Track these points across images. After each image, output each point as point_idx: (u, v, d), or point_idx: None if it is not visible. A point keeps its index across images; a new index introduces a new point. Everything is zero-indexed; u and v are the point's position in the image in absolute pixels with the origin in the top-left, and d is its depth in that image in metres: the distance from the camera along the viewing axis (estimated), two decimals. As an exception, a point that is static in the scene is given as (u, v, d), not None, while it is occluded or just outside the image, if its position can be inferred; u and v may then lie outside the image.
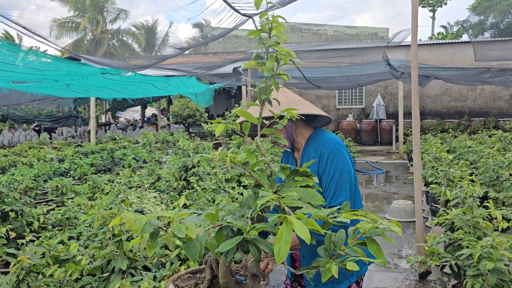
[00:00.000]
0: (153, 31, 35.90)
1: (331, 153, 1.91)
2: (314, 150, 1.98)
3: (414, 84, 4.18)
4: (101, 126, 22.15)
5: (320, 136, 2.02)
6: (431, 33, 35.54)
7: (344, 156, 1.93)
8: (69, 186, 6.13)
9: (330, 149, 1.92)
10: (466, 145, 8.47)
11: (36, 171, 7.54)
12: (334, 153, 1.91)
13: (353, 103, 19.28)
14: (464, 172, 5.22)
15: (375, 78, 11.23)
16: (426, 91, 17.90)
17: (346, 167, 1.91)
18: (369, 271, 4.46)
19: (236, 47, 24.92)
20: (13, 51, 5.23)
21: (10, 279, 2.58)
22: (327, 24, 26.48)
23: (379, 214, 6.81)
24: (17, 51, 5.35)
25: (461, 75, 10.41)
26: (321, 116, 2.04)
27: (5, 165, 9.46)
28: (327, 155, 1.91)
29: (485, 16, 23.61)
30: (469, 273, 2.69)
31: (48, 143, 16.04)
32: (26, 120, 20.48)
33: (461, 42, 18.05)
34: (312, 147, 1.99)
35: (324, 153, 1.92)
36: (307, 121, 2.07)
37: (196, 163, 5.66)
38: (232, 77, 12.50)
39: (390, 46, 9.34)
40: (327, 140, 1.97)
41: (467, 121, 17.00)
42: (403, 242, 5.40)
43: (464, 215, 3.19)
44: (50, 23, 32.84)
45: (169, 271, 2.92)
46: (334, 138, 2.00)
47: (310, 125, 2.09)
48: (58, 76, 6.62)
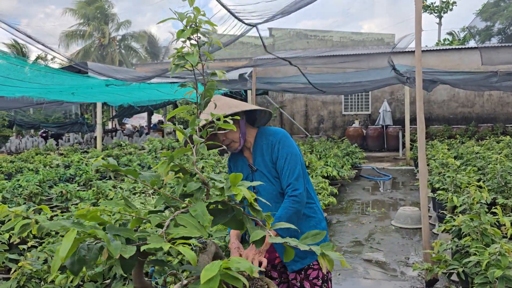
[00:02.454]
0: (156, 40, 36.18)
1: (281, 140, 2.16)
2: (265, 143, 2.20)
3: (419, 89, 4.14)
4: (107, 133, 22.24)
5: (266, 130, 2.25)
6: (438, 39, 35.44)
7: (292, 142, 2.19)
8: (74, 192, 6.13)
9: (279, 137, 2.17)
10: (473, 151, 8.37)
11: (41, 177, 7.55)
12: (283, 140, 2.16)
13: (359, 109, 19.21)
14: (471, 178, 5.15)
15: (381, 83, 11.18)
16: (432, 96, 17.79)
17: (295, 150, 2.16)
18: (376, 280, 4.39)
19: (241, 54, 24.99)
20: (19, 65, 5.26)
21: (11, 285, 2.57)
22: (332, 31, 26.52)
23: (385, 220, 6.73)
24: (23, 65, 5.40)
25: (467, 79, 10.34)
26: (262, 115, 2.30)
27: (11, 171, 9.49)
28: (277, 142, 2.16)
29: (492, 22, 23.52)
30: (476, 281, 2.63)
31: (54, 149, 16.11)
32: (32, 126, 20.63)
33: (467, 48, 17.95)
34: (263, 141, 2.21)
35: (274, 142, 2.16)
36: (251, 122, 2.32)
37: (200, 169, 5.64)
38: (237, 83, 12.51)
39: (396, 52, 9.30)
40: (274, 131, 2.22)
41: (474, 127, 16.85)
42: (409, 249, 5.32)
43: (471, 221, 3.13)
44: (60, 34, 33.21)
45: (170, 278, 2.89)
46: (279, 129, 2.24)
47: (254, 125, 2.32)
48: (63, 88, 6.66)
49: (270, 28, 25.56)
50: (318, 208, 2.28)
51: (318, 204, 2.31)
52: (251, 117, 2.31)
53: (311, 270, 2.20)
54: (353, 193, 9.07)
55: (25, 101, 11.02)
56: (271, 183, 2.17)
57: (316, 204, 2.28)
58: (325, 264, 1.35)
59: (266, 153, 2.18)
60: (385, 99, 17.96)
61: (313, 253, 2.04)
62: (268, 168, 2.18)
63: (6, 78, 5.21)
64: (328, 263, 1.35)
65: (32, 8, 64.67)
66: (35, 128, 22.10)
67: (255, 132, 2.27)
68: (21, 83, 5.71)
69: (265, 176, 2.19)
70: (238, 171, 2.29)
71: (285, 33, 26.04)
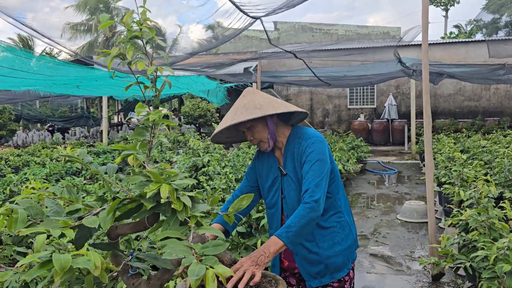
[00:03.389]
0: (162, 33, 36.07)
1: (313, 145, 1.96)
2: (297, 146, 2.01)
3: (425, 81, 4.10)
4: (113, 127, 22.31)
5: (300, 132, 2.05)
6: (444, 33, 35.12)
7: (324, 149, 1.98)
8: (80, 185, 6.16)
9: (312, 141, 1.97)
10: (480, 145, 8.31)
11: (48, 170, 7.60)
12: (315, 145, 1.96)
13: (365, 103, 19.12)
14: (478, 172, 5.12)
15: (387, 76, 11.11)
16: (439, 90, 17.67)
17: (324, 158, 1.95)
18: (381, 274, 4.39)
19: (246, 48, 24.91)
20: (25, 57, 5.27)
21: (19, 277, 2.58)
22: (338, 24, 26.33)
23: (390, 214, 6.72)
24: (29, 57, 5.40)
25: (474, 72, 10.25)
26: (297, 113, 2.09)
27: (18, 164, 9.55)
28: (309, 146, 1.96)
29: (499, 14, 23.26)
30: (484, 276, 2.61)
31: (61, 143, 16.19)
32: (39, 120, 20.73)
33: (474, 41, 17.78)
34: (295, 144, 2.02)
35: (305, 146, 1.97)
36: (285, 120, 2.11)
37: (206, 162, 5.64)
38: (242, 77, 12.48)
39: (401, 45, 9.22)
40: (309, 135, 2.01)
41: (481, 121, 16.72)
42: (415, 243, 5.31)
43: (479, 215, 3.11)
44: (63, 26, 33.21)
45: (178, 272, 2.90)
46: (315, 132, 2.04)
47: (287, 124, 2.12)
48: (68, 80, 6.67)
49: (275, 22, 25.43)
50: (347, 222, 2.07)
51: (349, 217, 2.09)
52: (285, 115, 2.08)
53: (330, 287, 2.03)
54: (358, 187, 9.05)
55: (31, 95, 11.07)
56: (298, 192, 2.00)
57: (344, 218, 2.06)
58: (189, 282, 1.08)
59: (297, 158, 2.00)
60: (390, 93, 17.86)
61: (332, 272, 2.01)
62: (296, 174, 2.00)
63: (11, 69, 5.21)
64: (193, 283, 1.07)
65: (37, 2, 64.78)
66: (41, 122, 22.21)
67: (288, 131, 2.08)
68: (26, 74, 5.71)
69: (293, 183, 2.01)
70: (264, 172, 2.14)
71: (290, 27, 25.90)
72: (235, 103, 2.02)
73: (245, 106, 1.94)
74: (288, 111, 1.94)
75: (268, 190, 2.12)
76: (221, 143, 2.25)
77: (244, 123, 1.94)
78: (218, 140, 2.17)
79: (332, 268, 1.99)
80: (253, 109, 1.91)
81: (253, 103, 1.95)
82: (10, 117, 17.85)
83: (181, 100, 25.53)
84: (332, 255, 1.99)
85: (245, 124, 1.96)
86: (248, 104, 1.95)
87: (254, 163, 2.21)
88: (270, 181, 2.11)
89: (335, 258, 2.00)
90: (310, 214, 1.81)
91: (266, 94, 2.04)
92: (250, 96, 2.00)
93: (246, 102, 1.97)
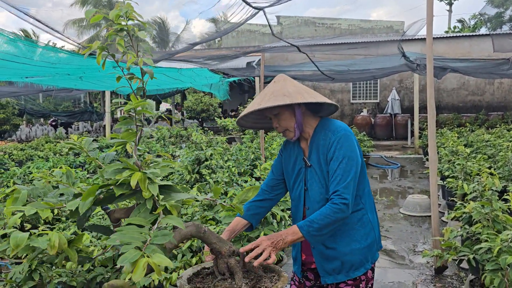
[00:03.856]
0: (166, 28, 35.98)
1: (340, 140, 1.89)
2: (323, 138, 1.94)
3: (430, 75, 4.08)
4: (116, 121, 22.34)
5: (328, 124, 1.98)
6: (448, 27, 34.91)
7: (353, 143, 1.91)
8: (84, 179, 6.18)
9: (340, 136, 1.90)
10: (483, 139, 8.29)
11: (52, 164, 7.63)
12: (343, 140, 1.89)
13: (368, 98, 19.06)
14: (482, 166, 5.10)
15: (391, 70, 11.07)
16: (442, 85, 17.59)
17: (353, 154, 1.88)
18: (383, 268, 4.39)
19: (249, 42, 24.83)
20: (28, 45, 5.28)
21: (23, 268, 2.60)
22: (341, 18, 26.22)
23: (393, 208, 6.72)
24: (32, 46, 5.40)
25: (478, 67, 10.19)
26: (326, 105, 2.01)
27: (22, 158, 9.60)
28: (336, 141, 1.89)
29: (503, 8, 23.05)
30: (487, 268, 2.61)
31: (64, 138, 16.24)
32: (43, 114, 20.79)
33: (478, 35, 17.66)
34: (321, 136, 1.96)
35: (333, 140, 1.90)
36: (314, 111, 2.03)
37: (209, 156, 5.65)
38: (245, 71, 12.46)
39: (405, 40, 9.16)
40: (336, 127, 1.94)
41: (484, 115, 16.64)
42: (418, 237, 5.31)
43: (482, 208, 3.11)
44: (66, 22, 33.17)
45: (180, 263, 2.91)
46: (343, 125, 1.97)
47: (316, 115, 2.05)
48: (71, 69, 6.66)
49: (278, 16, 25.31)
50: (369, 220, 1.99)
51: (372, 215, 2.01)
52: (314, 106, 2.01)
53: (344, 284, 1.98)
54: (361, 181, 9.05)
55: (35, 88, 11.10)
56: (321, 185, 1.94)
57: (367, 215, 1.99)
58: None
59: (322, 151, 1.93)
60: (393, 87, 17.80)
61: (348, 270, 1.97)
62: (321, 167, 1.94)
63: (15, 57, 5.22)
64: (136, 270, 1.12)
65: (39, -3, 64.84)
66: (44, 117, 22.27)
67: (316, 123, 2.02)
68: (29, 66, 5.72)
69: (316, 175, 1.96)
70: (291, 162, 2.09)
71: (293, 21, 25.79)
72: (265, 89, 1.98)
73: (273, 92, 1.91)
74: (317, 101, 1.88)
75: (293, 182, 2.08)
76: (247, 127, 2.22)
77: (271, 109, 1.92)
78: (244, 124, 2.14)
79: (348, 266, 1.94)
80: (281, 96, 1.87)
81: (282, 90, 1.91)
82: (14, 111, 17.91)
83: (184, 95, 25.53)
84: (348, 253, 1.94)
85: (272, 110, 1.93)
86: (277, 91, 1.91)
87: (281, 155, 2.17)
88: (295, 173, 2.07)
89: (352, 256, 1.94)
90: (336, 215, 1.78)
91: (298, 83, 2.00)
92: (281, 83, 1.96)
93: (276, 88, 1.93)
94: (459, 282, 3.90)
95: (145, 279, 2.71)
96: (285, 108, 1.93)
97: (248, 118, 2.09)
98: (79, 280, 2.81)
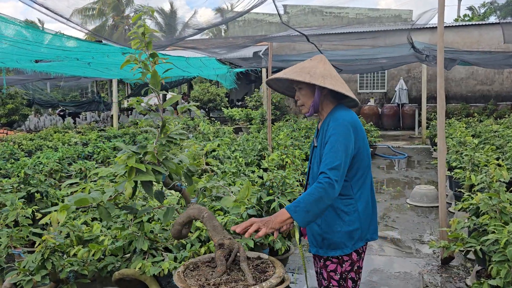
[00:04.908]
0: (173, 16, 35.83)
1: (336, 127, 2.02)
2: (327, 124, 2.09)
3: (440, 65, 4.05)
4: (123, 111, 22.41)
5: (336, 112, 2.11)
6: (457, 15, 34.43)
7: (348, 132, 2.01)
8: (92, 169, 6.24)
9: (337, 124, 2.03)
10: (492, 130, 8.23)
11: (61, 154, 7.70)
12: (338, 127, 2.01)
13: (375, 88, 18.94)
14: (490, 157, 5.08)
15: (399, 61, 10.97)
16: (450, 74, 17.41)
17: (346, 141, 1.99)
18: (389, 256, 4.42)
19: (256, 31, 24.69)
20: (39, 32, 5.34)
21: (36, 257, 2.65)
22: (348, 7, 25.93)
23: (400, 199, 6.72)
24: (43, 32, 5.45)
25: (488, 58, 10.08)
26: (348, 98, 2.15)
27: (31, 148, 9.69)
28: (333, 128, 2.02)
29: (514, -4, 22.55)
30: (494, 259, 2.62)
31: (72, 128, 16.35)
32: (51, 105, 20.91)
33: (488, 23, 17.41)
34: (327, 121, 2.11)
35: (331, 126, 2.04)
36: (336, 98, 2.18)
37: (216, 146, 5.67)
38: (252, 61, 12.42)
39: (414, 29, 9.06)
40: (339, 116, 2.07)
41: (493, 105, 16.46)
42: (425, 228, 5.32)
43: (490, 199, 3.11)
44: (72, 11, 33.16)
45: (189, 253, 2.95)
46: (346, 116, 2.07)
47: (336, 103, 2.18)
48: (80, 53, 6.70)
49: (285, 5, 25.11)
50: (356, 210, 2.08)
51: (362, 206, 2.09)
52: (337, 94, 2.13)
53: (330, 262, 2.13)
54: (368, 172, 9.04)
55: (43, 75, 11.18)
56: (318, 166, 2.09)
57: (355, 205, 2.07)
58: None
59: (324, 134, 2.08)
60: (401, 77, 17.66)
61: (327, 247, 2.11)
62: (321, 150, 2.08)
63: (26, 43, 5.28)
64: None
65: (46, -13, 64.63)
66: (53, 107, 22.40)
67: (330, 109, 2.16)
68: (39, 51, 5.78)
69: (318, 156, 2.11)
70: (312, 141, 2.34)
71: (300, 10, 25.58)
72: (301, 62, 2.17)
73: (303, 68, 2.09)
74: (335, 89, 2.03)
75: (309, 159, 2.31)
76: (274, 88, 2.37)
77: (297, 82, 2.10)
78: (272, 86, 2.34)
79: (326, 244, 2.10)
80: (305, 74, 2.05)
81: (311, 68, 2.08)
82: (22, 102, 18.03)
83: (191, 84, 25.51)
84: (330, 232, 2.08)
85: (298, 83, 2.13)
86: (306, 67, 2.09)
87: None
88: (310, 151, 2.31)
89: (332, 236, 2.08)
90: (320, 193, 1.87)
91: (331, 68, 2.14)
92: (314, 63, 2.12)
93: (307, 65, 2.11)
94: (465, 273, 3.92)
95: (155, 268, 2.76)
96: (306, 85, 2.11)
97: (274, 83, 2.31)
98: (90, 269, 2.86)
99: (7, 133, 14.90)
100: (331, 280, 2.14)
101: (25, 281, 2.59)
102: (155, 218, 3.34)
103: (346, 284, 2.14)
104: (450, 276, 3.87)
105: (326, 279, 2.16)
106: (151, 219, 3.29)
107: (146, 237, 2.97)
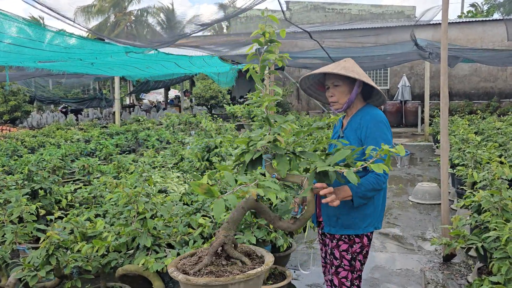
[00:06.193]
0: (174, 13, 35.78)
1: (377, 123, 2.22)
2: (359, 120, 2.26)
3: (444, 62, 4.05)
4: (125, 108, 22.45)
5: (369, 110, 2.30)
6: (461, 12, 34.30)
7: (387, 127, 2.26)
8: (95, 165, 6.26)
9: (377, 120, 2.23)
10: (495, 127, 8.22)
11: (64, 151, 7.73)
12: (379, 123, 2.23)
13: (378, 84, 18.90)
14: (492, 154, 5.07)
15: (401, 59, 10.94)
16: (453, 71, 17.36)
17: (386, 136, 2.23)
18: (391, 253, 4.43)
19: (258, 28, 24.59)
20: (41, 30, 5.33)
21: (40, 253, 2.67)
22: (351, 3, 25.85)
23: (402, 196, 6.73)
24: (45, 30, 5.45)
25: (492, 56, 10.04)
26: (375, 96, 2.35)
27: (34, 145, 9.72)
28: (373, 124, 2.21)
29: (518, -7, 22.46)
30: (496, 256, 2.63)
31: (74, 124, 16.39)
32: (53, 101, 20.93)
33: (491, 20, 17.35)
34: (358, 117, 2.28)
35: (368, 123, 2.21)
36: (364, 96, 2.36)
37: (218, 143, 5.69)
38: (254, 58, 12.38)
39: (417, 25, 9.04)
40: (374, 114, 2.26)
41: (496, 102, 16.43)
42: (427, 225, 5.33)
43: (492, 197, 3.11)
44: (75, 8, 33.17)
45: (192, 249, 2.97)
46: (381, 114, 2.29)
47: (364, 100, 2.37)
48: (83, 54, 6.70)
49: (287, 1, 25.06)
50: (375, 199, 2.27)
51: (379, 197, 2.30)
52: (367, 93, 2.35)
53: (342, 242, 2.29)
54: (370, 169, 9.03)
55: (46, 72, 11.20)
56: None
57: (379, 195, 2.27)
58: None
59: (357, 130, 2.25)
60: (404, 74, 17.62)
61: (341, 226, 2.25)
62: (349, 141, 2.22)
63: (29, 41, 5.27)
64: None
65: (48, -17, 64.51)
66: (55, 104, 22.43)
67: (361, 106, 2.35)
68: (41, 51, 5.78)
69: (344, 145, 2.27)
70: (335, 130, 2.48)
71: (302, 7, 25.51)
72: (335, 63, 2.29)
73: (345, 67, 2.22)
74: (375, 87, 2.25)
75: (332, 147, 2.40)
76: (303, 89, 2.51)
77: (337, 79, 2.25)
78: (303, 85, 2.47)
79: (340, 223, 2.26)
80: (350, 72, 2.20)
81: (352, 67, 2.23)
82: (25, 98, 18.07)
83: (192, 81, 25.52)
84: (344, 213, 2.23)
85: (337, 80, 2.26)
86: (348, 67, 2.23)
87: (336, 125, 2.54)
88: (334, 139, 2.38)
89: (347, 216, 2.23)
90: (379, 184, 2.12)
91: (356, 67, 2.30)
92: (351, 63, 2.28)
93: (346, 65, 2.24)
94: (467, 270, 3.93)
95: (158, 264, 2.78)
96: (347, 83, 2.26)
97: (307, 80, 2.43)
98: (94, 265, 2.88)
99: (10, 129, 14.95)
100: (343, 260, 2.30)
101: (30, 276, 2.62)
102: (157, 215, 3.36)
103: (355, 264, 2.30)
104: (451, 273, 3.89)
105: (339, 258, 2.31)
106: (154, 216, 3.31)
107: (149, 233, 2.99)
